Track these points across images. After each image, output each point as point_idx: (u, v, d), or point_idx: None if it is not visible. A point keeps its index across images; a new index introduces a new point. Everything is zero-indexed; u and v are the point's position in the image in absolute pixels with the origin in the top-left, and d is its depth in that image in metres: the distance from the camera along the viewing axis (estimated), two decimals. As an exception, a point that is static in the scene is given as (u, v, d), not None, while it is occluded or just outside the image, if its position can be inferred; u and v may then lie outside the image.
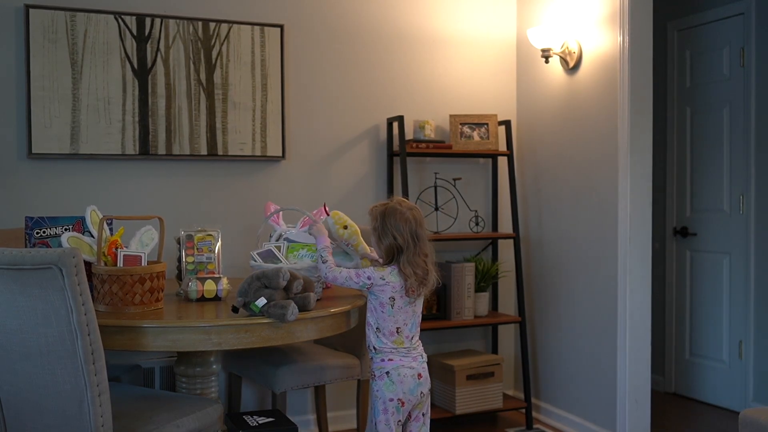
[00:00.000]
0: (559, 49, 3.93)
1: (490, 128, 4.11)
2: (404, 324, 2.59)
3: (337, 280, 2.57)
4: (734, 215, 4.29)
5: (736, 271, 4.27)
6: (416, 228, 2.53)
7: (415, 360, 2.59)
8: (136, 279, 2.47)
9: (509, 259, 4.26)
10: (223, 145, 3.68)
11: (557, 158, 4.07)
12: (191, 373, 2.81)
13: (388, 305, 2.54)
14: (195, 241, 2.92)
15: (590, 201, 3.82)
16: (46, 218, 2.67)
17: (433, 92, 4.18)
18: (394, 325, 2.57)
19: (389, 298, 2.53)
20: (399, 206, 2.55)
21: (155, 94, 3.56)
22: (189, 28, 3.62)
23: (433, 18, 4.17)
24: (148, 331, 2.35)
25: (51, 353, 2.14)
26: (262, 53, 3.75)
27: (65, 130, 3.42)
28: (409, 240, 2.51)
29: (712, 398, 4.38)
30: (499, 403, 4.02)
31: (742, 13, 4.21)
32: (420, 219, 2.56)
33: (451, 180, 4.14)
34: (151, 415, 2.42)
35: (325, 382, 3.24)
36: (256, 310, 2.40)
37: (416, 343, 2.61)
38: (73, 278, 2.07)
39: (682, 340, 4.60)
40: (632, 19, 3.56)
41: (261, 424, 2.90)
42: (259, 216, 3.49)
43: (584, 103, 3.85)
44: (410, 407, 2.59)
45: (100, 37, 3.47)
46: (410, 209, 2.56)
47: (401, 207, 2.55)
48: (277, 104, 3.78)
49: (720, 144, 4.36)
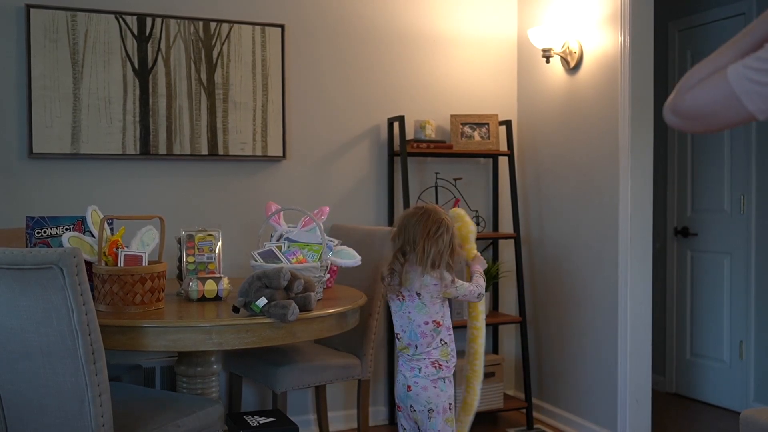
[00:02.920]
0: (560, 49, 3.93)
1: (490, 128, 4.10)
2: (402, 330, 2.61)
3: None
4: (735, 215, 4.28)
5: (737, 271, 4.27)
6: (396, 231, 2.64)
7: (412, 371, 2.59)
8: (137, 279, 2.47)
9: (510, 259, 4.26)
10: (223, 144, 3.68)
11: (558, 158, 4.07)
12: (192, 372, 2.81)
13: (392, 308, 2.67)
14: (196, 241, 2.92)
15: (591, 201, 3.82)
16: (46, 218, 2.67)
17: (433, 92, 4.18)
18: (396, 329, 2.62)
19: (388, 301, 2.66)
20: (409, 211, 2.70)
21: (156, 93, 3.56)
22: (190, 27, 3.62)
23: (434, 18, 4.17)
24: (148, 330, 2.35)
25: (52, 353, 2.14)
26: (263, 53, 3.75)
27: (66, 130, 3.42)
28: (396, 241, 2.62)
29: (713, 398, 4.38)
30: (499, 403, 4.02)
31: (743, 13, 4.21)
32: (402, 223, 2.63)
33: (451, 180, 4.14)
34: (151, 415, 2.42)
35: (325, 382, 3.24)
36: (256, 310, 2.40)
37: (423, 354, 2.58)
38: (73, 278, 2.07)
39: (683, 340, 4.59)
40: (633, 19, 3.56)
41: (262, 424, 2.90)
42: (260, 216, 3.49)
43: (585, 103, 3.85)
44: (410, 415, 2.60)
45: (101, 36, 3.47)
46: (406, 215, 2.66)
47: (407, 212, 2.69)
48: (278, 104, 3.78)
49: (721, 144, 4.36)
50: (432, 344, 2.58)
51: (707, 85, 1.25)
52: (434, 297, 2.57)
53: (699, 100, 1.26)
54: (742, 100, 1.16)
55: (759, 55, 1.15)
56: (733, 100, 1.17)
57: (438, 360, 2.58)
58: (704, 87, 1.25)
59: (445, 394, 2.59)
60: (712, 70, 1.27)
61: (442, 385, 2.58)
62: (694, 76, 1.29)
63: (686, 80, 1.30)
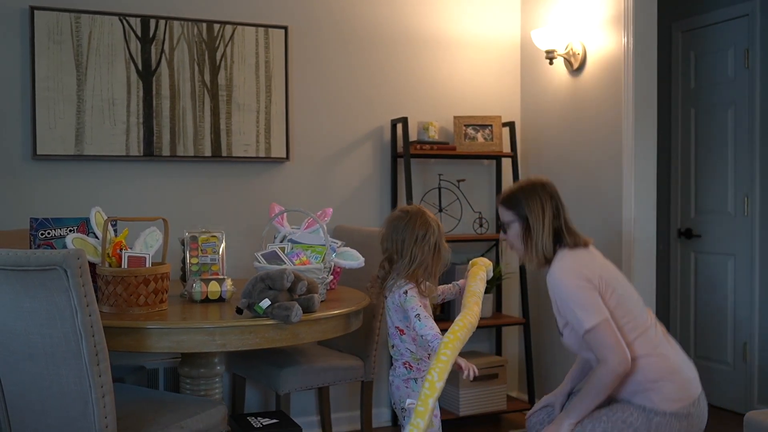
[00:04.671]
0: (563, 51, 3.93)
1: (494, 130, 4.10)
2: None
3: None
4: (739, 217, 4.27)
5: (741, 272, 4.26)
6: (384, 235, 2.66)
7: (391, 368, 2.66)
8: (141, 280, 2.47)
9: (513, 260, 4.25)
10: (227, 146, 3.69)
11: (561, 159, 4.06)
12: (195, 374, 2.81)
13: None
14: (199, 243, 2.93)
15: (594, 202, 3.81)
16: (50, 219, 2.68)
17: (437, 94, 4.18)
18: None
19: None
20: (394, 214, 2.69)
21: (159, 95, 3.57)
22: (193, 29, 3.63)
23: (438, 19, 4.17)
24: (152, 332, 2.36)
25: (56, 354, 2.15)
26: (266, 55, 3.76)
27: (70, 131, 3.42)
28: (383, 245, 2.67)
29: (717, 400, 4.37)
30: (503, 405, 4.02)
31: (747, 15, 4.20)
32: (389, 228, 2.64)
33: (455, 181, 4.14)
34: (155, 416, 2.42)
35: (329, 383, 3.24)
36: (260, 311, 2.40)
37: (397, 354, 2.62)
38: (77, 279, 2.07)
39: (687, 341, 4.58)
40: (636, 21, 3.55)
41: (265, 426, 2.91)
42: (264, 217, 3.50)
43: (588, 105, 3.85)
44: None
45: (104, 38, 3.47)
46: (392, 218, 2.67)
47: (393, 215, 2.69)
48: (281, 105, 3.78)
49: (724, 145, 4.35)
50: (401, 347, 2.60)
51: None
52: (396, 306, 2.57)
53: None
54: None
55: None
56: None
57: (409, 361, 2.60)
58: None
59: (416, 394, 2.56)
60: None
61: (414, 385, 2.57)
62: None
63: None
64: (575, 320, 2.27)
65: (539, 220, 2.38)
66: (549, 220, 2.39)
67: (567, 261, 2.36)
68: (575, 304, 2.27)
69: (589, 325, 2.24)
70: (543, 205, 2.40)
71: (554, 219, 2.40)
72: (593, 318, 2.24)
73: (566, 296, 2.30)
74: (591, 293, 2.28)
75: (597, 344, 2.24)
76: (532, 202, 2.40)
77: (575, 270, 2.32)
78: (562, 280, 2.31)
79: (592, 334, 2.24)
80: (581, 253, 2.39)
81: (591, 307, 2.25)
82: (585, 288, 2.28)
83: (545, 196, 2.42)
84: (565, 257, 2.37)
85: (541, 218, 2.38)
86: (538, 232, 2.37)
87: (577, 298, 2.27)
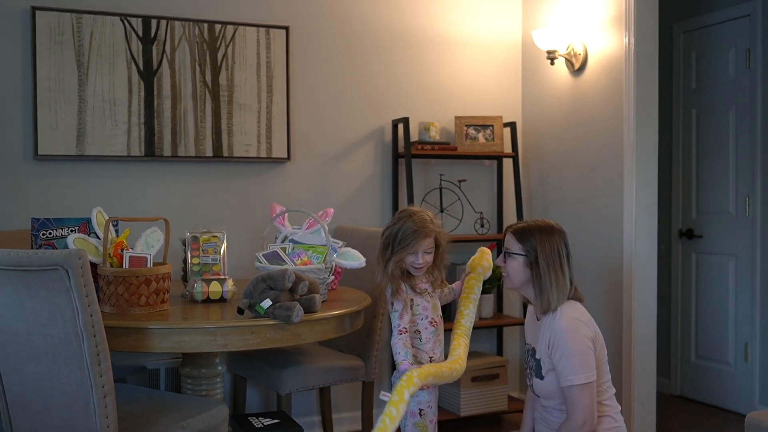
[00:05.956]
0: (564, 51, 3.93)
1: (495, 130, 4.10)
2: None
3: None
4: (740, 217, 4.27)
5: (742, 273, 4.26)
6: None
7: (395, 371, 2.63)
8: (142, 280, 2.47)
9: (514, 260, 4.25)
10: (228, 146, 3.69)
11: (562, 160, 4.06)
12: (196, 374, 2.81)
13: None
14: (200, 243, 2.93)
15: (596, 203, 3.81)
16: (52, 219, 2.68)
17: (438, 94, 4.18)
18: None
19: None
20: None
21: (161, 95, 3.57)
22: (195, 29, 3.63)
23: (439, 20, 4.17)
24: (153, 332, 2.36)
25: (57, 354, 2.15)
26: (267, 55, 3.76)
27: (71, 132, 3.43)
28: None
29: (718, 401, 4.37)
30: (503, 405, 4.01)
31: (749, 15, 4.20)
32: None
33: (456, 182, 4.14)
34: (156, 416, 2.42)
35: (330, 383, 3.24)
36: (261, 311, 2.40)
37: (397, 354, 2.62)
38: (79, 279, 2.07)
39: (688, 342, 4.58)
40: (638, 21, 3.55)
41: (266, 426, 2.90)
42: (265, 217, 3.50)
43: (590, 105, 3.85)
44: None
45: (106, 38, 3.48)
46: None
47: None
48: (283, 106, 3.79)
49: (726, 145, 4.35)
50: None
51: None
52: (388, 301, 2.59)
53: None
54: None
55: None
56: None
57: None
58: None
59: (415, 398, 2.54)
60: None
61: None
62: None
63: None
64: (566, 371, 2.30)
65: (552, 265, 2.38)
66: (565, 269, 2.40)
67: (578, 313, 2.38)
68: (576, 357, 2.30)
69: (579, 382, 2.28)
70: (559, 250, 2.40)
71: (569, 268, 2.41)
72: (585, 377, 2.29)
73: (571, 348, 2.31)
74: (591, 352, 2.34)
75: (575, 401, 2.29)
76: (547, 243, 2.39)
77: (585, 325, 2.36)
78: (573, 331, 2.33)
79: (577, 390, 2.28)
80: (584, 308, 2.43)
81: (587, 366, 2.30)
82: (588, 346, 2.33)
83: (561, 243, 2.42)
84: (577, 309, 2.40)
85: (555, 263, 2.38)
86: (550, 277, 2.37)
87: (580, 353, 2.31)
